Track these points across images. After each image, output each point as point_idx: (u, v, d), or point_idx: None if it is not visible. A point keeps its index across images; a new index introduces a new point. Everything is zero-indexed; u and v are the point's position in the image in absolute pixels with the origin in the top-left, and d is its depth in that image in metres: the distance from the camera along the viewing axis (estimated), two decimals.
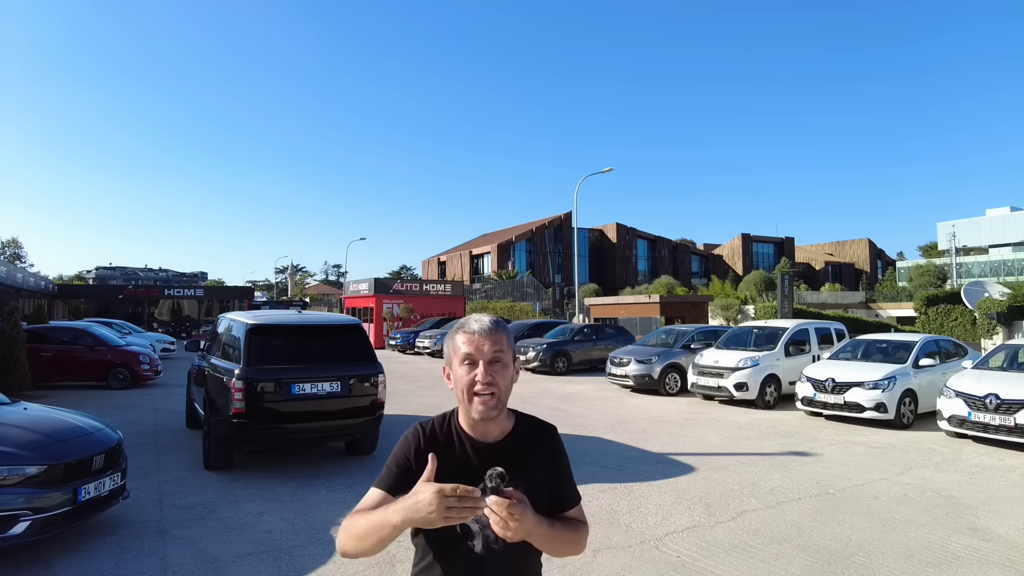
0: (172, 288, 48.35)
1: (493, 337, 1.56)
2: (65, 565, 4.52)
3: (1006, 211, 64.05)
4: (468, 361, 1.55)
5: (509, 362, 1.59)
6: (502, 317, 24.16)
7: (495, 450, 1.61)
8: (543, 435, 1.71)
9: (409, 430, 1.68)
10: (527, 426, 1.70)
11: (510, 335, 1.62)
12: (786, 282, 24.05)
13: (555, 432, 1.74)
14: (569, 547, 1.63)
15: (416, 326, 29.25)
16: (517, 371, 1.64)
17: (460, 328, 1.61)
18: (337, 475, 7.08)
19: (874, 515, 5.75)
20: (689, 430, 9.97)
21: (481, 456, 1.58)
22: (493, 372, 1.54)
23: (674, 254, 75.10)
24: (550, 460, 1.67)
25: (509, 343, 1.60)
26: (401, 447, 1.65)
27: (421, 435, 1.64)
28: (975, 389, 8.78)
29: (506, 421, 1.65)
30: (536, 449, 1.67)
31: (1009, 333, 21.50)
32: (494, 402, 1.54)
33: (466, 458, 1.59)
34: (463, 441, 1.62)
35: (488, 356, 1.54)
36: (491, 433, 1.62)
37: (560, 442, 1.74)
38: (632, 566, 4.58)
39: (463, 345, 1.56)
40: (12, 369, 11.91)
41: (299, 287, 76.45)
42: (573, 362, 18.86)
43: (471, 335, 1.56)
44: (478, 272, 68.55)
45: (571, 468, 1.75)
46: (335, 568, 4.52)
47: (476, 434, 1.62)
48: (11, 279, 26.23)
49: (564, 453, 1.73)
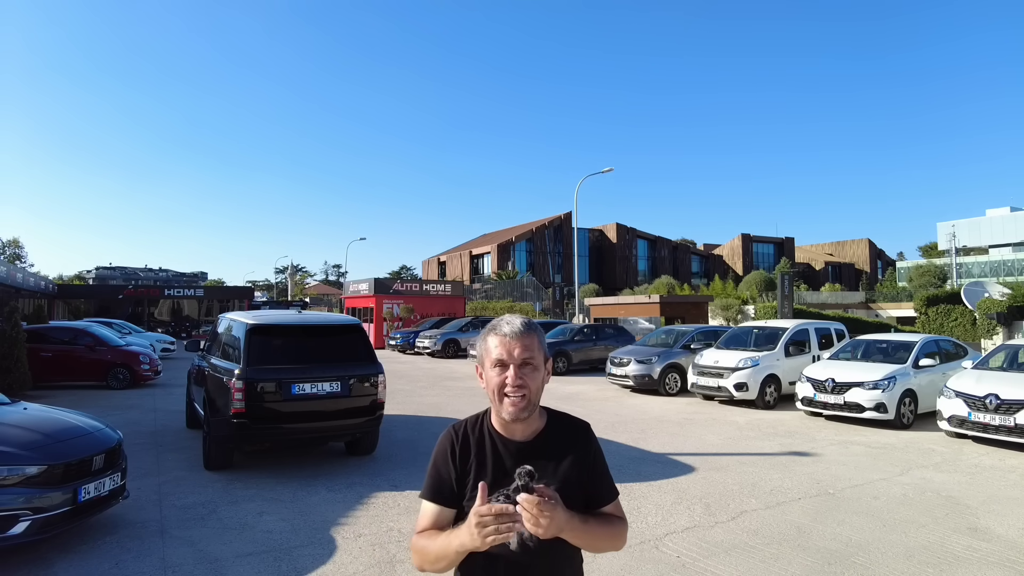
0: (172, 288, 48.36)
1: (524, 341, 1.57)
2: (65, 565, 4.52)
3: (1006, 211, 64.05)
4: (499, 364, 1.57)
5: (540, 364, 1.60)
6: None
7: (528, 448, 1.62)
8: (575, 432, 1.71)
9: (443, 434, 1.70)
10: (559, 424, 1.71)
11: (542, 337, 1.63)
12: (786, 282, 24.05)
13: (588, 428, 1.74)
14: (606, 543, 1.63)
15: (416, 326, 29.24)
16: (548, 372, 1.65)
17: (492, 330, 1.62)
18: (337, 475, 7.08)
19: (874, 515, 5.75)
20: (689, 430, 9.97)
21: (514, 455, 1.59)
22: (524, 375, 1.55)
23: (674, 254, 75.10)
24: (583, 456, 1.67)
25: (540, 345, 1.61)
26: (437, 453, 1.67)
27: (454, 438, 1.66)
28: (975, 389, 8.77)
29: (538, 420, 1.66)
30: (569, 446, 1.67)
31: (1009, 333, 21.48)
32: (524, 403, 1.56)
33: (499, 458, 1.60)
34: (495, 441, 1.63)
35: (519, 359, 1.55)
36: (523, 432, 1.63)
37: (594, 438, 1.74)
38: (632, 566, 4.57)
39: (494, 348, 1.58)
40: (12, 369, 11.91)
41: (299, 287, 76.45)
42: (573, 362, 18.87)
43: (502, 338, 1.58)
44: (478, 272, 68.54)
45: (607, 464, 1.75)
46: (335, 568, 4.52)
47: (508, 433, 1.63)
48: (11, 279, 26.23)
49: (598, 449, 1.73)
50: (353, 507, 5.90)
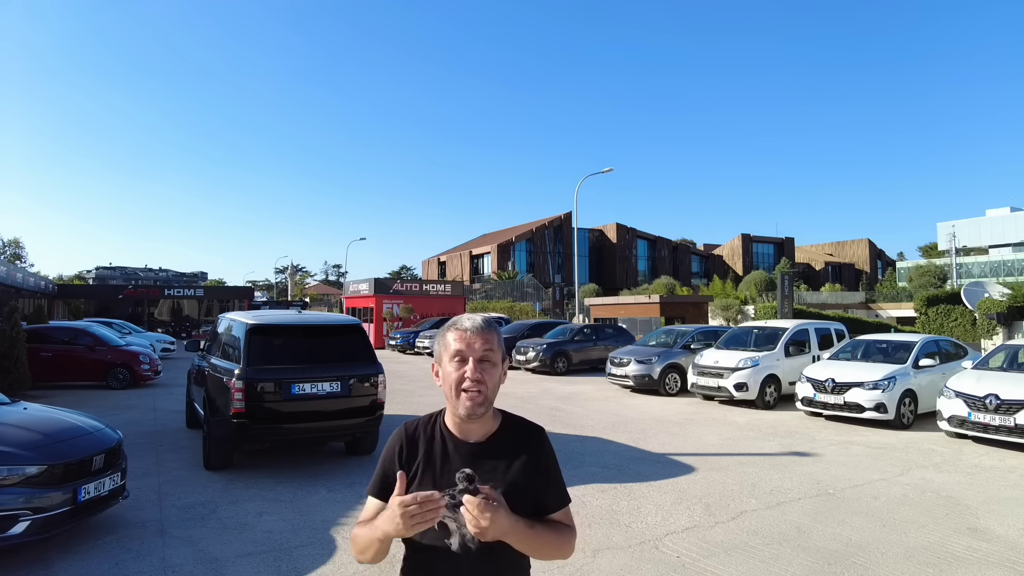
0: (172, 288, 48.39)
1: (484, 336, 1.57)
2: (65, 565, 4.52)
3: (1006, 211, 64.03)
4: (458, 358, 1.56)
5: (498, 362, 1.59)
6: (503, 317, 24.04)
7: (479, 450, 1.60)
8: (528, 436, 1.69)
9: (395, 431, 1.69)
10: (513, 426, 1.69)
11: (500, 336, 1.63)
12: (786, 282, 24.05)
13: (542, 433, 1.72)
14: (551, 550, 1.61)
15: (416, 326, 29.23)
16: (505, 372, 1.64)
17: (452, 326, 1.61)
18: (337, 475, 7.08)
19: (874, 515, 5.75)
20: (689, 430, 9.97)
21: (464, 456, 1.58)
22: (482, 370, 1.55)
23: (674, 254, 75.10)
24: (535, 461, 1.64)
25: (499, 343, 1.61)
26: (386, 450, 1.67)
27: (404, 437, 1.65)
28: (975, 389, 8.78)
29: (492, 421, 1.65)
30: (520, 449, 1.64)
31: (1009, 333, 21.48)
32: (481, 399, 1.55)
33: (449, 458, 1.59)
34: (446, 441, 1.62)
35: (478, 354, 1.55)
36: (476, 433, 1.62)
37: (547, 443, 1.72)
38: (632, 566, 4.58)
39: (454, 342, 1.57)
40: (12, 369, 11.92)
41: (299, 287, 76.46)
42: (573, 362, 18.86)
43: (463, 332, 1.57)
44: (478, 272, 68.54)
45: (561, 471, 1.72)
46: (335, 568, 4.52)
47: (461, 434, 1.62)
48: (11, 279, 26.22)
49: (552, 455, 1.70)
50: (353, 507, 5.90)
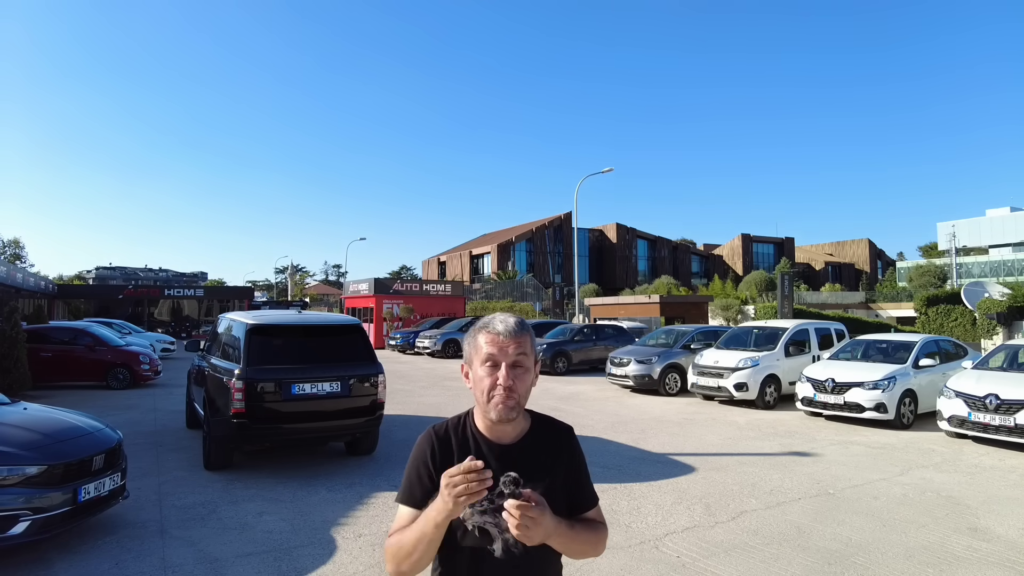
0: (172, 288, 48.37)
1: (518, 339, 1.51)
2: (65, 565, 4.52)
3: (1006, 211, 63.99)
4: (490, 362, 1.51)
5: (531, 366, 1.55)
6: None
7: (511, 451, 1.57)
8: (559, 436, 1.68)
9: (422, 435, 1.64)
10: (543, 427, 1.66)
11: (533, 337, 1.58)
12: (786, 282, 24.05)
13: (571, 432, 1.71)
14: (589, 548, 1.60)
15: (416, 326, 29.23)
16: (536, 375, 1.60)
17: (484, 327, 1.56)
18: (337, 475, 7.08)
19: (874, 515, 5.75)
20: (689, 430, 9.97)
21: (497, 458, 1.54)
22: (515, 376, 1.50)
23: (674, 254, 75.10)
24: (567, 461, 1.64)
25: (532, 346, 1.56)
26: (416, 454, 1.61)
27: (435, 440, 1.59)
28: (975, 389, 8.77)
29: (523, 422, 1.61)
30: (553, 450, 1.63)
31: (1009, 333, 21.48)
32: (513, 403, 1.50)
33: (482, 460, 1.55)
34: (479, 443, 1.57)
35: (511, 359, 1.50)
36: (507, 434, 1.58)
37: (577, 442, 1.71)
38: (632, 566, 4.57)
39: (485, 345, 1.52)
40: (12, 369, 11.91)
41: (299, 287, 76.43)
42: (573, 362, 18.87)
43: (495, 336, 1.52)
44: (478, 272, 68.53)
45: (588, 469, 1.72)
46: (335, 568, 4.52)
47: (492, 436, 1.58)
48: (11, 279, 26.21)
49: (581, 454, 1.69)
50: (353, 507, 5.91)
